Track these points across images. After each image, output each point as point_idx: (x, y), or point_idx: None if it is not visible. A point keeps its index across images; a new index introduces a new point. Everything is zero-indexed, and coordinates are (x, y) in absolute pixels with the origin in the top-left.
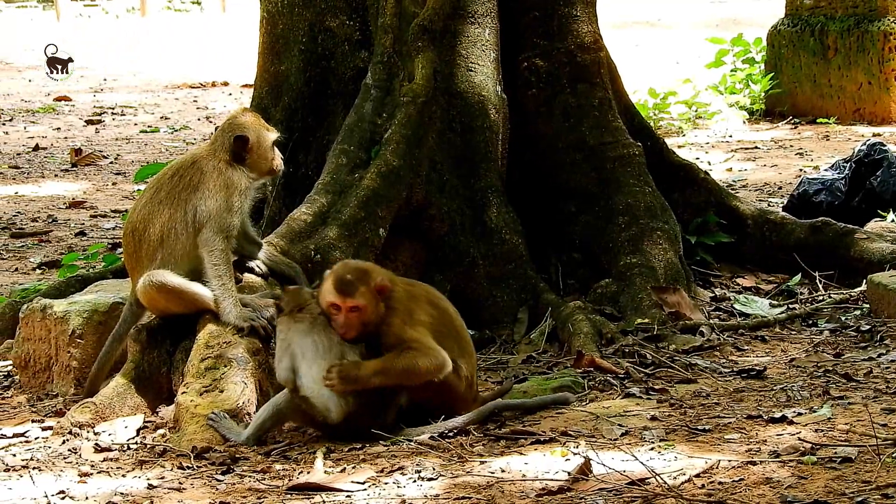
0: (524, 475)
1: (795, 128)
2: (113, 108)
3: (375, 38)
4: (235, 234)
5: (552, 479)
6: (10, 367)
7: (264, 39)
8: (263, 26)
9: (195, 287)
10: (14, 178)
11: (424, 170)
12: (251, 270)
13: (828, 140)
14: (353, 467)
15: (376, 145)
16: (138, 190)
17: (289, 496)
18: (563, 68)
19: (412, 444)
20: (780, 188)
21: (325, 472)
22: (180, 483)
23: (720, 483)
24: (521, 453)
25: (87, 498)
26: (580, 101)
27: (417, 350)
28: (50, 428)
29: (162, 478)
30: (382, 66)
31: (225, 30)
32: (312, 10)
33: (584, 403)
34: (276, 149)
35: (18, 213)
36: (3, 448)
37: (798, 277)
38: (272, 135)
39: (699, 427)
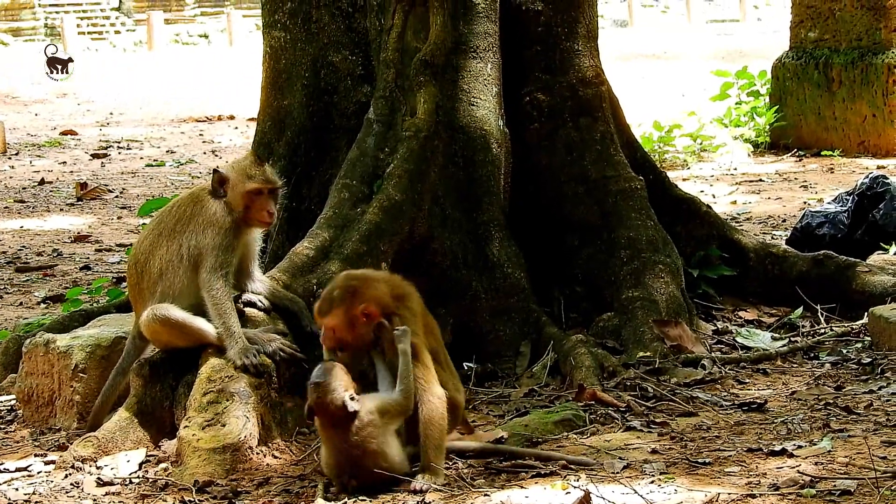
0: None
1: (800, 160)
2: (119, 142)
3: (378, 72)
4: (233, 270)
5: None
6: (13, 402)
7: (267, 74)
8: (266, 61)
9: (199, 322)
10: (19, 213)
11: (427, 204)
12: (254, 305)
13: (832, 173)
14: (354, 501)
15: (379, 179)
16: (143, 224)
17: None
18: (565, 102)
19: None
20: (784, 220)
21: None
22: None
23: None
24: (522, 486)
25: None
26: (582, 134)
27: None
28: (52, 462)
29: None
30: (385, 101)
31: (232, 63)
32: (315, 46)
33: (585, 437)
34: (264, 200)
35: (24, 247)
36: (5, 482)
37: (800, 310)
38: (251, 183)
39: (699, 460)
